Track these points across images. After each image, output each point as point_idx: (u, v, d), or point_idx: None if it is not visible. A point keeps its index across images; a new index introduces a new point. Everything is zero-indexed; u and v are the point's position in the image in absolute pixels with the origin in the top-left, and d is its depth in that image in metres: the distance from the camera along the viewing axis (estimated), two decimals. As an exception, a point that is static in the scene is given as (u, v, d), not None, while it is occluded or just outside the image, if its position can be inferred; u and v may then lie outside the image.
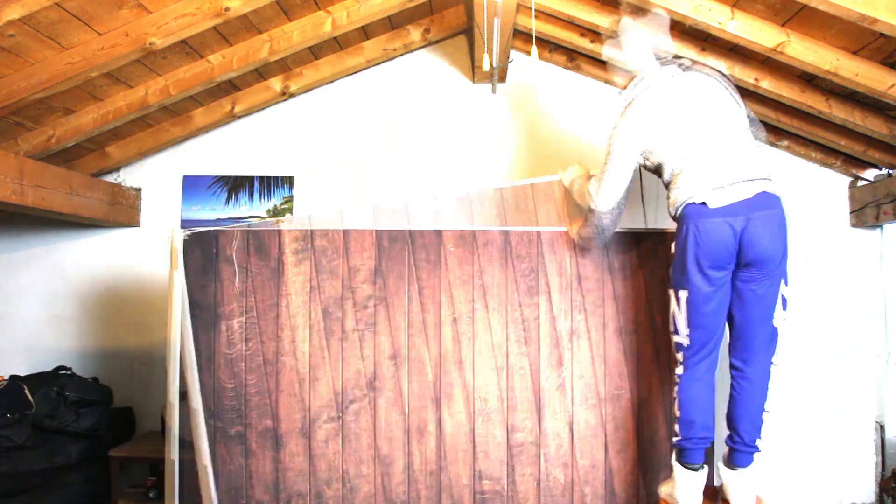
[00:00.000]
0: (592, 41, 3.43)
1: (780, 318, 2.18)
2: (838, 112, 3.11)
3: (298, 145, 3.92)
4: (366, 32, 3.55)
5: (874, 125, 3.12)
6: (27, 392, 3.33)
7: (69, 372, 3.71)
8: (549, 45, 3.74)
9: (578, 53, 3.69)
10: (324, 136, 3.92)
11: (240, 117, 3.84)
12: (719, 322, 2.17)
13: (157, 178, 3.98)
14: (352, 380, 2.65)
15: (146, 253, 3.97)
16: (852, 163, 3.69)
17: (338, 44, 3.55)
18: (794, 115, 3.34)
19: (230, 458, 2.65)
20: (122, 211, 3.87)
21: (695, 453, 2.20)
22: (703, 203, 2.10)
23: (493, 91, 3.84)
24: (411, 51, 3.85)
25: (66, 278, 4.00)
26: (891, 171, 3.48)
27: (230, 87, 3.55)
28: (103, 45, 2.55)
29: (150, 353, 3.94)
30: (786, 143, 3.71)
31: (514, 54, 3.71)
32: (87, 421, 3.51)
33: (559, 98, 3.85)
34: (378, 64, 3.85)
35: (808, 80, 3.04)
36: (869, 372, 3.69)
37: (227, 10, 2.57)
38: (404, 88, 3.90)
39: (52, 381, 3.51)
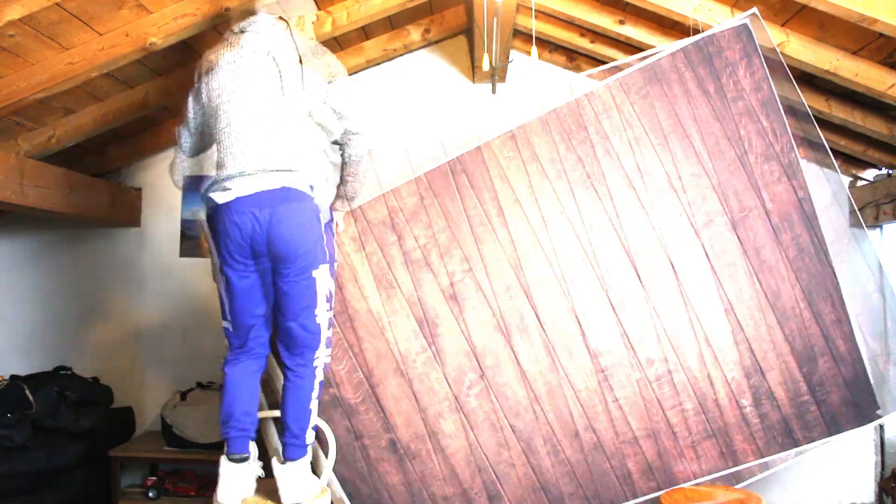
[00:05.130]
0: (592, 41, 3.44)
1: (322, 313, 2.13)
2: (838, 112, 3.12)
3: (298, 145, 3.92)
4: (366, 32, 3.55)
5: (874, 125, 3.12)
6: (27, 392, 3.33)
7: (69, 372, 3.72)
8: (549, 45, 3.74)
9: (578, 53, 3.70)
10: (324, 136, 3.91)
11: (240, 117, 3.84)
12: (252, 311, 2.13)
13: (157, 178, 3.97)
14: (465, 364, 2.47)
15: (146, 253, 3.97)
16: (852, 163, 3.69)
17: (338, 44, 3.55)
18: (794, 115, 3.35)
19: (392, 470, 2.48)
20: (122, 211, 3.87)
21: (237, 443, 2.11)
22: (224, 192, 2.05)
23: (493, 91, 3.84)
24: (411, 51, 3.85)
25: (66, 278, 4.00)
26: (890, 171, 3.48)
27: (230, 87, 3.55)
28: (103, 46, 2.55)
29: (150, 352, 3.94)
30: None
31: (514, 54, 3.71)
32: (87, 421, 3.51)
33: (559, 98, 3.85)
34: (378, 64, 3.85)
35: (808, 80, 3.05)
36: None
37: (227, 10, 2.56)
38: (404, 89, 3.90)
39: (53, 381, 3.51)
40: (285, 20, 2.20)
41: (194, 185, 2.59)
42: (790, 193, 2.41)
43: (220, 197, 2.10)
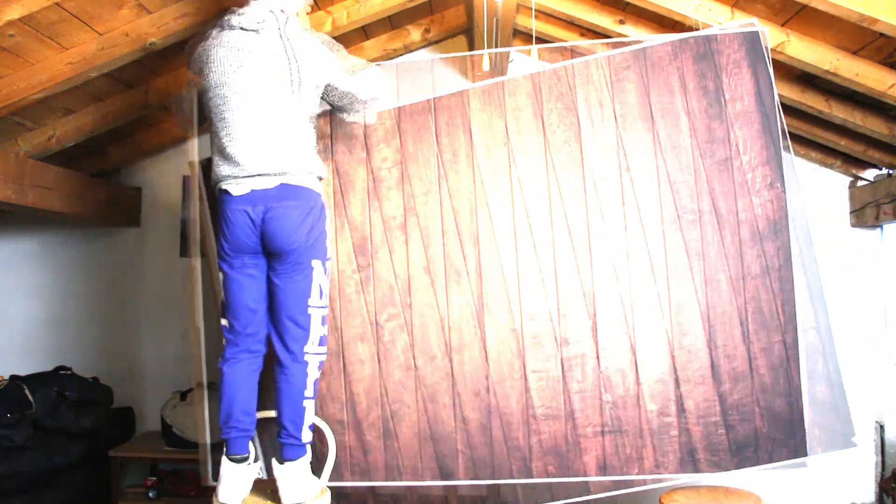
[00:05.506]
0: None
1: (314, 307, 2.15)
2: (838, 112, 3.11)
3: (298, 145, 3.92)
4: (366, 32, 3.54)
5: (874, 125, 3.12)
6: (27, 392, 3.33)
7: (69, 372, 3.71)
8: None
9: (579, 54, 3.69)
10: (324, 136, 3.91)
11: (240, 117, 3.83)
12: (249, 307, 2.14)
13: (157, 178, 3.98)
14: (386, 296, 2.45)
15: (146, 253, 3.97)
16: (852, 163, 3.69)
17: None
18: (794, 115, 3.34)
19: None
20: (122, 211, 3.87)
21: (237, 443, 2.12)
22: (227, 191, 2.08)
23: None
24: (411, 51, 3.85)
25: (66, 278, 4.00)
26: (890, 171, 3.48)
27: (230, 87, 3.54)
28: (103, 45, 2.55)
29: (150, 352, 3.94)
30: (786, 143, 3.71)
31: (513, 54, 3.71)
32: (87, 421, 3.51)
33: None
34: (378, 64, 3.84)
35: (808, 80, 3.05)
36: (869, 372, 3.69)
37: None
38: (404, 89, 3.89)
39: (52, 381, 3.51)
40: (284, 14, 2.16)
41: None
42: (765, 209, 2.38)
43: (219, 193, 2.12)
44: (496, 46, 3.02)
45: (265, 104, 2.08)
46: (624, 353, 2.39)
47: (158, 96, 3.17)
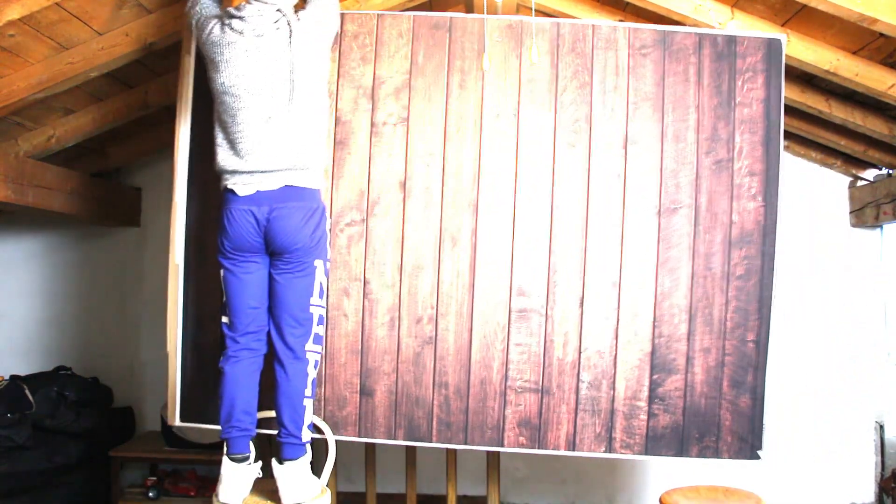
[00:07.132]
0: (592, 41, 3.43)
1: (315, 306, 2.16)
2: (838, 112, 3.12)
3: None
4: (366, 32, 3.54)
5: (874, 125, 3.12)
6: (27, 392, 3.33)
7: (69, 372, 3.72)
8: (549, 45, 3.74)
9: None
10: (324, 136, 3.91)
11: (240, 117, 3.83)
12: (251, 305, 2.15)
13: (157, 178, 3.98)
14: (379, 179, 2.44)
15: (146, 253, 3.97)
16: (852, 163, 3.70)
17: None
18: (794, 115, 3.34)
19: None
20: (122, 211, 3.87)
21: (237, 443, 2.13)
22: (233, 191, 2.10)
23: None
24: (411, 51, 3.84)
25: (66, 278, 4.01)
26: (890, 171, 3.48)
27: (230, 87, 3.54)
28: (103, 45, 2.55)
29: (150, 352, 3.94)
30: (786, 143, 3.71)
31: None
32: (87, 421, 3.51)
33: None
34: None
35: (808, 80, 3.05)
36: (869, 372, 3.69)
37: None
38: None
39: (53, 381, 3.52)
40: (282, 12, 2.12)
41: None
42: (742, 217, 2.40)
43: (223, 191, 2.13)
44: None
45: (275, 103, 2.08)
46: (607, 336, 2.41)
47: (158, 96, 3.17)
